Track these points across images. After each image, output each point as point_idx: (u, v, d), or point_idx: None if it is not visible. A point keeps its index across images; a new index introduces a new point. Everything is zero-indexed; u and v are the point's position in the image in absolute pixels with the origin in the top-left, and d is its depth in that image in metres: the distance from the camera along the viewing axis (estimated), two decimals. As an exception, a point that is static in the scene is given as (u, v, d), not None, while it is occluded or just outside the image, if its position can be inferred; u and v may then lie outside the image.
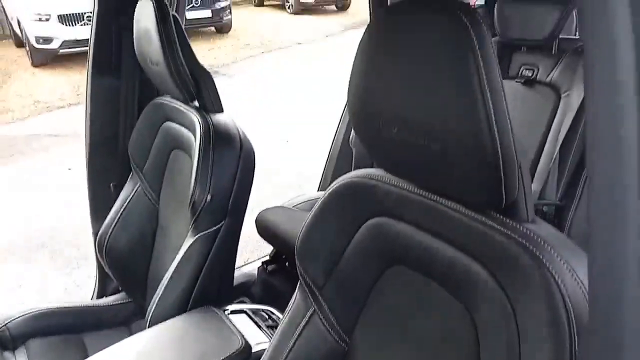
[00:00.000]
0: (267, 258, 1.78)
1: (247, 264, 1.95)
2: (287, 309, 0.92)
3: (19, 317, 1.31)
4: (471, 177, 0.61)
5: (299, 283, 0.91)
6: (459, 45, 0.56)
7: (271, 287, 1.69)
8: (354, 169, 1.99)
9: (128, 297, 1.46)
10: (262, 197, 1.63)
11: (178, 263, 1.12)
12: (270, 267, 1.75)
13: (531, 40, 1.61)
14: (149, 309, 1.14)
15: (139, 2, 1.19)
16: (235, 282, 1.58)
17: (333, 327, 0.85)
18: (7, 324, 1.29)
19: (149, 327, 1.11)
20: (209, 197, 1.09)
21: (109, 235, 1.39)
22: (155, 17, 1.11)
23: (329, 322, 0.86)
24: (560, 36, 1.59)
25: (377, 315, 0.82)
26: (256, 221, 1.69)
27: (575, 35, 1.65)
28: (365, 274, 0.82)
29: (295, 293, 0.92)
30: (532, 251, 0.57)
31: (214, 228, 1.11)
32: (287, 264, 1.71)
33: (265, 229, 1.68)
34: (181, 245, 1.17)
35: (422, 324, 0.74)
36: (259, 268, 1.78)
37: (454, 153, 0.60)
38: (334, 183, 0.85)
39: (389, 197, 0.76)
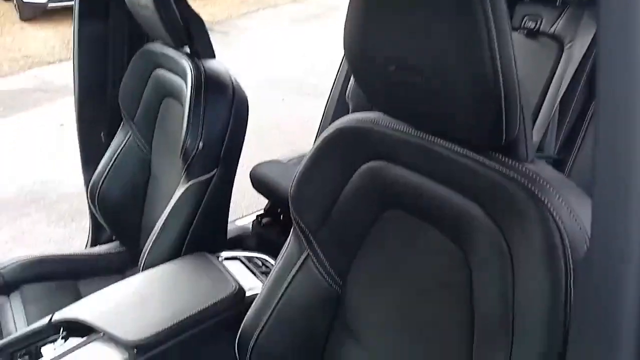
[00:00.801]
0: (262, 212, 1.78)
1: (242, 217, 1.94)
2: (281, 254, 0.91)
3: (12, 263, 1.31)
4: (471, 112, 0.59)
5: (292, 228, 0.90)
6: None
7: (266, 240, 1.69)
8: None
9: (122, 246, 1.46)
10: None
11: (171, 210, 1.11)
12: (264, 220, 1.75)
13: (535, -10, 1.56)
14: (142, 256, 1.14)
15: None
16: (230, 235, 1.58)
17: (327, 270, 0.85)
18: (1, 270, 1.29)
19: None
20: (200, 145, 1.07)
21: (101, 185, 1.37)
22: (144, -45, 1.06)
23: (322, 266, 0.86)
24: (564, -13, 1.54)
25: (371, 259, 0.82)
26: (251, 175, 1.68)
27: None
28: (359, 219, 0.81)
29: (289, 238, 0.91)
30: (530, 189, 0.56)
31: (207, 176, 1.10)
32: (282, 217, 1.71)
33: (259, 183, 1.67)
34: (174, 194, 1.15)
35: (416, 267, 0.74)
36: (253, 222, 1.78)
37: (453, 88, 0.58)
38: (328, 128, 0.83)
39: (384, 140, 0.74)
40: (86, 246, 1.58)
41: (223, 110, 1.11)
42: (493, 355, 0.61)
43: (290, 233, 0.92)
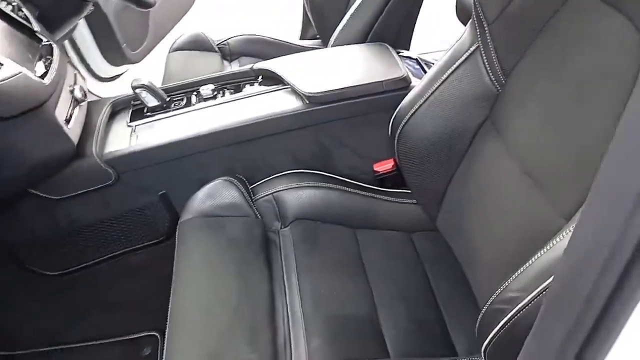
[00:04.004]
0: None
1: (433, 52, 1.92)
2: (450, 45, 0.92)
3: (237, 36, 1.58)
4: None
5: (470, 19, 0.89)
6: None
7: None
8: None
9: (323, 44, 1.61)
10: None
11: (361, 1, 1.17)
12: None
13: None
14: (329, 43, 1.26)
15: None
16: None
17: (492, 65, 0.85)
18: (228, 40, 1.57)
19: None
20: None
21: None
22: None
23: (489, 60, 0.85)
24: None
25: (539, 56, 0.78)
26: (456, 3, 1.61)
27: None
28: (539, 9, 0.77)
29: (464, 30, 0.91)
30: None
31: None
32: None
33: (465, 13, 1.60)
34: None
35: (586, 59, 0.69)
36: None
37: None
38: None
39: None
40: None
41: None
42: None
43: (467, 25, 0.91)
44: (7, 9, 0.94)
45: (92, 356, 1.16)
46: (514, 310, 0.59)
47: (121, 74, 1.69)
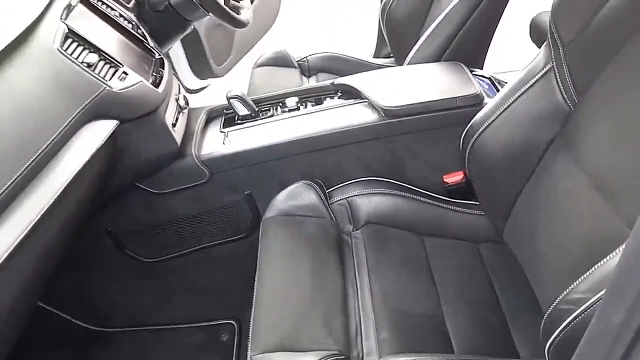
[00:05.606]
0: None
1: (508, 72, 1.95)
2: (524, 66, 0.97)
3: (316, 54, 1.69)
4: None
5: (545, 42, 0.94)
6: None
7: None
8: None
9: (396, 62, 1.70)
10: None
11: (441, 20, 1.24)
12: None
13: None
14: (405, 61, 1.34)
15: None
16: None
17: (566, 85, 0.88)
18: (307, 57, 1.69)
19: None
20: None
21: (391, 3, 1.58)
22: None
23: (562, 80, 0.89)
24: None
25: (614, 76, 0.81)
26: (531, 25, 1.65)
27: None
28: (614, 36, 0.80)
29: (539, 51, 0.96)
30: None
31: (481, -10, 1.17)
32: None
33: (539, 34, 1.63)
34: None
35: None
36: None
37: None
38: None
39: None
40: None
41: None
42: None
43: (542, 47, 0.96)
44: (129, 27, 1.10)
45: (177, 338, 1.29)
46: (579, 309, 0.63)
47: (205, 87, 1.85)
